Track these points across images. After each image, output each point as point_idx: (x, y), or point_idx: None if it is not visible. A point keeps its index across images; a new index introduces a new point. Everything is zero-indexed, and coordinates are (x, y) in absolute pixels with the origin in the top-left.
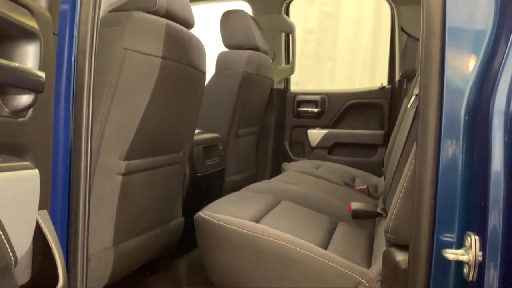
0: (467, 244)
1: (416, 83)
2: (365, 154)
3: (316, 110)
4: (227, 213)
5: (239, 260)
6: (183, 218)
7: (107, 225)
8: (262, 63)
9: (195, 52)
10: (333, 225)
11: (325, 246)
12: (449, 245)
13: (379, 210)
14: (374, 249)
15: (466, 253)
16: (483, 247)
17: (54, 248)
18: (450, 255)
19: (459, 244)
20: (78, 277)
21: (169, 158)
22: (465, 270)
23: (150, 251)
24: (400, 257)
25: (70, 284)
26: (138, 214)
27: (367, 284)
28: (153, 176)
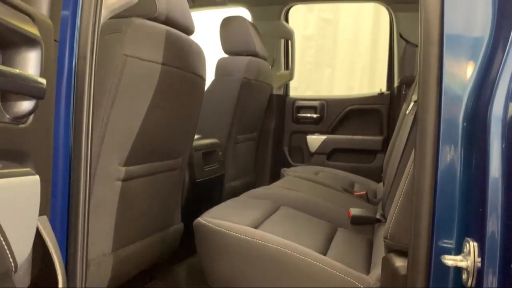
0: (466, 250)
1: (415, 89)
2: (364, 160)
3: (315, 116)
4: (226, 219)
5: (238, 266)
6: (182, 224)
7: (106, 231)
8: (262, 69)
9: (195, 58)
10: (332, 231)
11: (324, 252)
12: (448, 251)
13: (378, 216)
14: (373, 255)
15: (465, 259)
16: (482, 253)
17: (54, 254)
18: (449, 261)
19: (458, 250)
20: (78, 283)
21: (169, 164)
22: (464, 276)
23: (149, 257)
24: (399, 263)
25: None
26: (137, 220)
27: None
28: (153, 182)
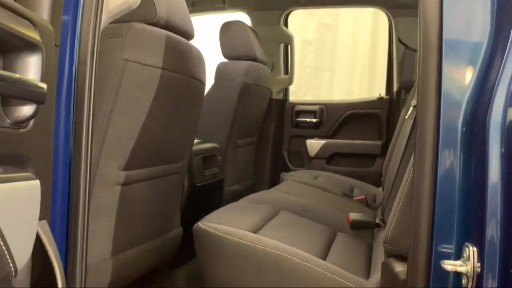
0: (465, 255)
1: (414, 94)
2: (363, 164)
3: (315, 120)
4: (226, 224)
5: (238, 271)
6: (182, 229)
7: (106, 236)
8: (261, 74)
9: (195, 63)
10: (332, 236)
11: (324, 257)
12: (447, 256)
13: (378, 221)
14: (373, 260)
15: (464, 264)
16: (481, 258)
17: (53, 259)
18: (449, 266)
19: (457, 255)
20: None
21: (168, 168)
22: (463, 281)
23: (149, 262)
24: (399, 268)
25: None
26: (137, 225)
27: None
28: (152, 186)
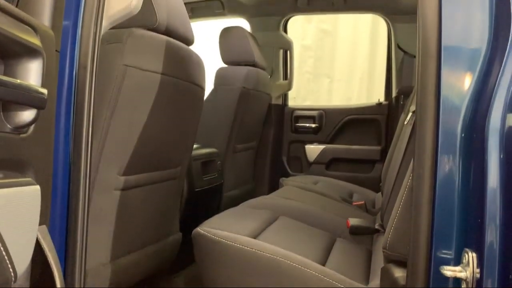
0: (465, 261)
1: (413, 100)
2: (363, 170)
3: (314, 126)
4: (225, 229)
5: (237, 276)
6: (181, 234)
7: (105, 241)
8: (260, 79)
9: (195, 68)
10: (331, 241)
11: (323, 262)
12: (447, 262)
13: (377, 226)
14: (372, 266)
15: (464, 270)
16: (481, 264)
17: (53, 264)
18: (448, 272)
19: (457, 261)
20: None
21: (167, 173)
22: (463, 287)
23: (147, 267)
24: (398, 274)
25: None
26: (136, 230)
27: None
28: (151, 191)
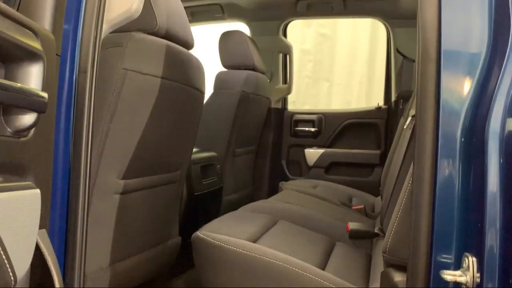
0: (465, 265)
1: (412, 104)
2: (362, 174)
3: (313, 130)
4: (225, 233)
5: (237, 280)
6: (180, 238)
7: (104, 245)
8: (260, 83)
9: (194, 72)
10: (331, 245)
11: (323, 267)
12: (447, 266)
13: (377, 230)
14: (372, 270)
15: (464, 274)
16: (481, 269)
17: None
18: (448, 276)
19: (457, 265)
20: None
21: (167, 177)
22: None
23: (147, 271)
24: (398, 278)
25: None
26: (135, 234)
27: None
28: (151, 195)
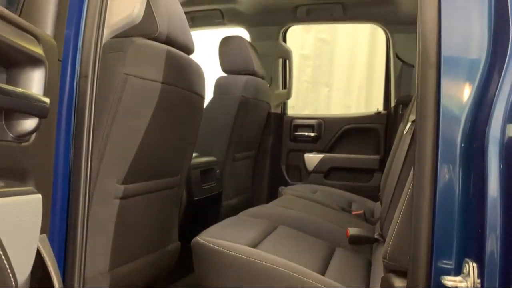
0: (465, 271)
1: (412, 109)
2: (361, 179)
3: (313, 135)
4: (225, 238)
5: (236, 285)
6: (179, 243)
7: (103, 250)
8: (260, 88)
9: (195, 77)
10: (331, 251)
11: (323, 272)
12: (447, 272)
13: (376, 236)
14: (372, 275)
15: (465, 280)
16: (481, 274)
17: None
18: (449, 282)
19: (458, 271)
20: None
21: (167, 182)
22: None
23: (146, 276)
24: (398, 284)
25: None
26: (135, 239)
27: None
28: (150, 200)
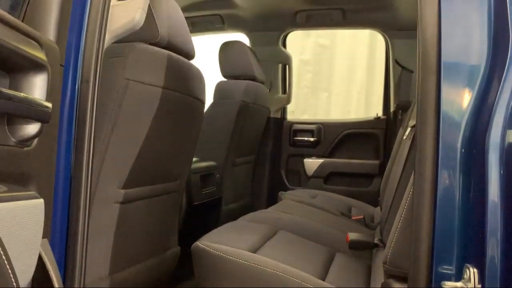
0: (466, 277)
1: (412, 115)
2: (361, 184)
3: (312, 139)
4: (225, 243)
5: None
6: (179, 248)
7: (104, 255)
8: (259, 93)
9: (195, 82)
10: (331, 256)
11: (323, 277)
12: (448, 277)
13: (376, 241)
14: (372, 280)
15: (465, 286)
16: (482, 280)
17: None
18: None
19: (458, 276)
20: None
21: (167, 187)
22: None
23: (146, 281)
24: None
25: None
26: (135, 243)
27: None
28: (150, 205)
